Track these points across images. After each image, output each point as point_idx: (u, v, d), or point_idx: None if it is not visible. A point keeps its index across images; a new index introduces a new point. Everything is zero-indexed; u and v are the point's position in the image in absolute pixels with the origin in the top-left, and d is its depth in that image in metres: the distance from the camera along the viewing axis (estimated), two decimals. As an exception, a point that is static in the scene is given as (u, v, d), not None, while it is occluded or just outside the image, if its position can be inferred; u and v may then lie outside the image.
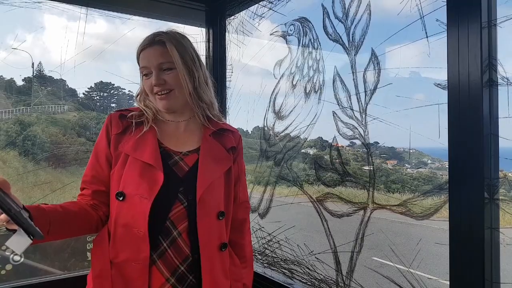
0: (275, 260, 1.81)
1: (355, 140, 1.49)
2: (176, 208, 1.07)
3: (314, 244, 1.67)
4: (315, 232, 1.60)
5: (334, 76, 1.53)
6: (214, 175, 1.11)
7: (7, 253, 1.63)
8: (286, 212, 1.83)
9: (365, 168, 1.48)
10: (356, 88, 1.43)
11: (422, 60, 1.23)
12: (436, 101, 1.13)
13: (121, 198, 1.06)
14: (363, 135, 1.43)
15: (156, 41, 1.11)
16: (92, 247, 1.13)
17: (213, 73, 2.02)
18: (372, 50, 1.37)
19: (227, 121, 2.03)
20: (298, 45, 1.74)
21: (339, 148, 1.61)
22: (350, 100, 1.46)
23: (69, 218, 1.03)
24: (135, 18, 1.94)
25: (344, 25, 1.46)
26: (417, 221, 1.26)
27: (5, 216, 0.82)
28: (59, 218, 0.99)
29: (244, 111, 2.01)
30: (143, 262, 1.03)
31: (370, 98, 1.39)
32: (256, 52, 1.96)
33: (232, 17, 2.00)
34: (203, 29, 2.05)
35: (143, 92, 1.18)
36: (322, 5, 1.54)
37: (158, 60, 1.10)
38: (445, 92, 1.05)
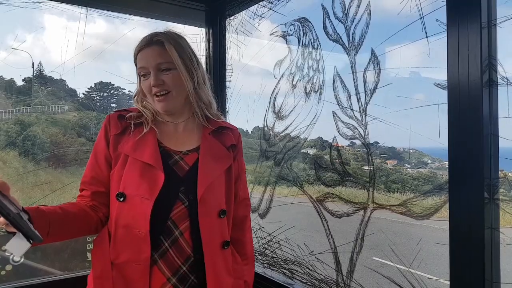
0: (275, 260, 1.80)
1: (355, 140, 1.49)
2: (177, 207, 1.06)
3: (314, 244, 1.66)
4: (315, 232, 1.60)
5: (334, 76, 1.53)
6: (214, 174, 1.11)
7: (7, 254, 1.63)
8: (286, 212, 1.82)
9: (365, 168, 1.48)
10: (356, 88, 1.42)
11: (422, 60, 1.23)
12: (436, 101, 1.13)
13: (122, 199, 1.06)
14: (363, 135, 1.43)
15: (154, 41, 1.10)
16: (92, 247, 1.13)
17: (213, 73, 2.02)
18: (372, 50, 1.37)
19: (227, 121, 2.03)
20: (298, 45, 1.73)
21: (339, 148, 1.61)
22: (350, 100, 1.45)
23: (68, 219, 1.02)
24: (135, 18, 1.94)
25: (344, 25, 1.46)
26: (417, 221, 1.26)
27: (4, 219, 0.81)
28: (59, 220, 0.99)
29: (244, 111, 2.01)
30: (144, 262, 1.02)
31: (370, 98, 1.39)
32: (256, 52, 1.96)
33: (232, 17, 2.00)
34: (203, 29, 2.05)
35: (141, 92, 1.17)
36: (322, 5, 1.54)
37: (156, 61, 1.09)
38: (445, 92, 1.05)
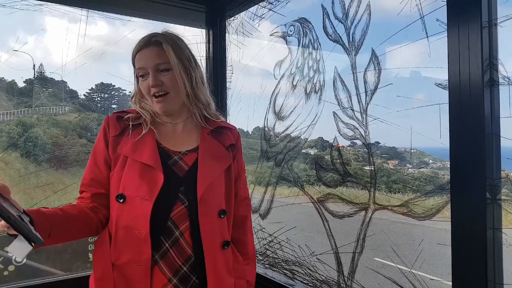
0: (276, 261, 1.80)
1: (356, 140, 1.48)
2: (177, 208, 1.06)
3: (315, 245, 1.66)
4: (316, 232, 1.60)
5: (334, 76, 1.52)
6: (214, 174, 1.11)
7: (10, 255, 1.63)
8: (287, 212, 1.82)
9: (366, 168, 1.48)
10: (357, 88, 1.42)
11: (423, 60, 1.23)
12: (437, 101, 1.13)
13: (122, 200, 1.06)
14: (364, 135, 1.42)
15: (153, 42, 1.11)
16: (93, 249, 1.13)
17: (213, 74, 2.02)
18: (372, 50, 1.37)
19: (228, 121, 2.03)
20: (298, 46, 1.73)
21: (340, 148, 1.61)
22: (351, 101, 1.45)
23: (69, 221, 1.02)
24: (135, 20, 1.95)
25: (344, 26, 1.45)
26: (418, 221, 1.25)
27: (5, 222, 0.81)
28: (60, 222, 0.99)
29: (244, 111, 2.01)
30: (145, 263, 1.02)
31: (371, 98, 1.38)
32: (256, 53, 1.96)
33: (232, 18, 2.00)
34: (203, 30, 2.05)
35: (138, 93, 1.17)
36: (322, 6, 1.54)
37: (155, 61, 1.09)
38: (446, 92, 1.04)
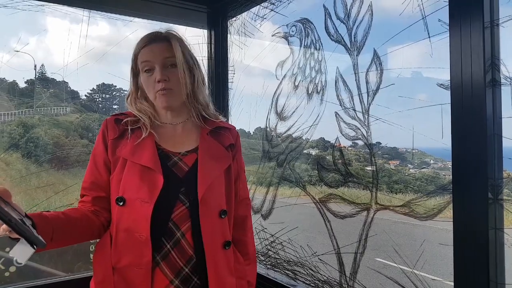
0: (278, 261, 1.80)
1: (357, 141, 1.48)
2: (178, 209, 1.06)
3: (317, 245, 1.66)
4: (318, 233, 1.60)
5: (336, 76, 1.53)
6: (214, 174, 1.10)
7: (11, 255, 1.63)
8: (289, 213, 1.82)
9: (368, 168, 1.48)
10: (359, 88, 1.42)
11: (425, 60, 1.23)
12: (439, 101, 1.13)
13: (121, 203, 1.05)
14: (365, 135, 1.43)
15: (161, 38, 1.10)
16: (94, 252, 1.13)
17: (215, 75, 2.02)
18: (374, 51, 1.37)
19: (230, 122, 2.03)
20: (300, 46, 1.73)
21: (342, 148, 1.61)
22: (353, 101, 1.45)
23: (71, 224, 1.02)
24: (137, 20, 1.95)
25: (346, 26, 1.46)
26: (420, 221, 1.25)
27: (7, 226, 0.81)
28: (62, 225, 0.99)
29: (246, 112, 2.01)
30: (146, 266, 1.02)
31: (373, 99, 1.38)
32: (258, 53, 1.96)
33: (234, 18, 2.00)
34: (205, 31, 2.06)
35: (134, 93, 1.16)
36: (324, 6, 1.54)
37: (163, 55, 1.08)
38: (448, 92, 1.04)
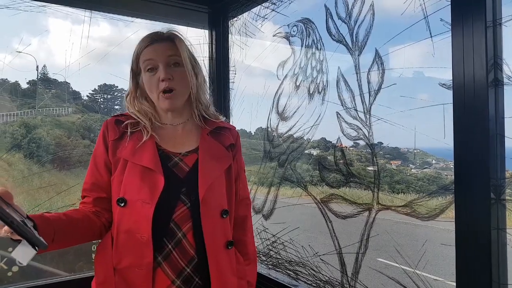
0: (279, 261, 1.80)
1: (359, 141, 1.48)
2: (179, 209, 1.06)
3: (319, 245, 1.66)
4: (320, 233, 1.59)
5: (337, 76, 1.52)
6: (215, 174, 1.10)
7: (13, 257, 1.64)
8: (290, 213, 1.82)
9: (369, 168, 1.48)
10: (360, 88, 1.42)
11: (427, 60, 1.22)
12: (441, 101, 1.13)
13: (122, 204, 1.05)
14: (367, 135, 1.42)
15: (165, 37, 1.10)
16: (95, 254, 1.13)
17: (216, 75, 2.02)
18: (376, 51, 1.36)
19: (230, 122, 2.03)
20: (301, 46, 1.73)
21: (343, 148, 1.61)
22: (354, 101, 1.45)
23: (72, 225, 1.02)
24: (138, 21, 1.95)
25: (348, 26, 1.45)
26: (422, 222, 1.25)
27: (8, 227, 0.81)
28: (63, 226, 0.99)
29: (247, 112, 2.01)
30: (147, 267, 1.02)
31: (374, 99, 1.38)
32: (259, 53, 1.96)
33: (235, 18, 2.00)
34: (206, 31, 2.06)
35: (133, 92, 1.16)
36: (325, 6, 1.54)
37: (167, 53, 1.08)
38: (450, 92, 1.04)
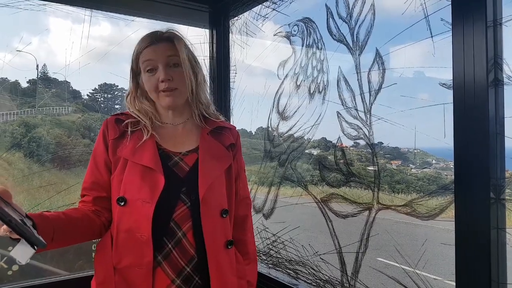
0: (279, 260, 1.80)
1: (359, 141, 1.48)
2: (179, 209, 1.06)
3: (319, 244, 1.66)
4: (320, 232, 1.60)
5: (338, 76, 1.52)
6: (215, 174, 1.10)
7: (12, 256, 1.64)
8: (290, 212, 1.82)
9: (370, 168, 1.48)
10: (361, 88, 1.42)
11: (427, 60, 1.23)
12: (441, 100, 1.13)
13: (122, 203, 1.05)
14: (367, 135, 1.42)
15: (163, 38, 1.10)
16: (95, 253, 1.13)
17: (217, 74, 2.02)
18: (377, 50, 1.36)
19: (231, 122, 2.03)
20: (302, 46, 1.73)
21: (344, 148, 1.61)
22: (355, 100, 1.45)
23: (72, 224, 1.02)
24: (138, 20, 1.95)
25: (348, 25, 1.45)
26: (422, 221, 1.25)
27: (7, 226, 0.81)
28: (62, 225, 0.99)
29: (248, 112, 2.01)
30: (147, 266, 1.02)
31: (375, 98, 1.38)
32: (260, 53, 1.96)
33: (236, 18, 2.00)
34: (207, 30, 2.06)
35: (134, 92, 1.16)
36: (326, 5, 1.54)
37: (167, 53, 1.08)
38: (450, 92, 1.04)
